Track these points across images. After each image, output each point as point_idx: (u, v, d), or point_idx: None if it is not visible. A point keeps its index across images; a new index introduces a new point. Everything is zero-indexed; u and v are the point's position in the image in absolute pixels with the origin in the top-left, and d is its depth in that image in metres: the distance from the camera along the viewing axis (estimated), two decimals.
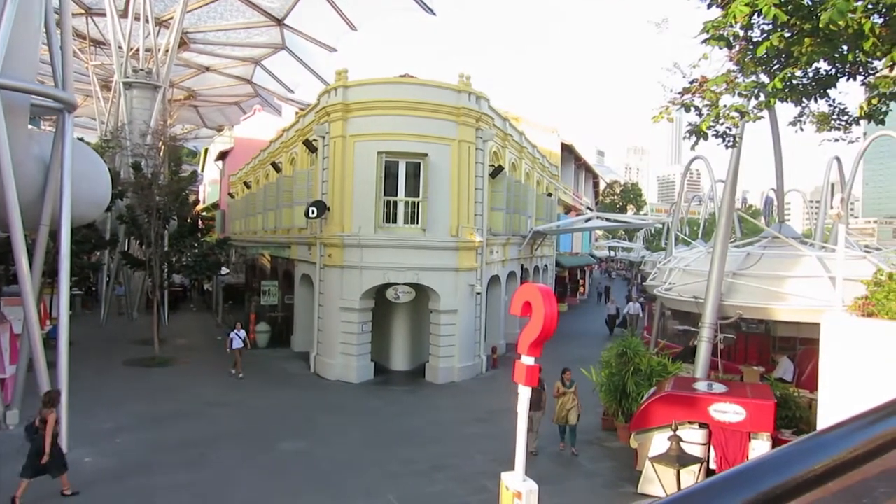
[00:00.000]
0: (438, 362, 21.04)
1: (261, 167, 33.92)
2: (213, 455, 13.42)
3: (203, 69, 52.29)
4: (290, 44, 46.79)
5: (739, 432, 11.35)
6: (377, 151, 20.29)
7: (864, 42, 6.13)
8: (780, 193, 18.70)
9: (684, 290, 17.14)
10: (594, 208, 62.78)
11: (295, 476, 12.45)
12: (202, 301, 43.35)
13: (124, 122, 32.93)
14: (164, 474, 12.27)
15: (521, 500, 5.62)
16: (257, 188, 34.98)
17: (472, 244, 21.20)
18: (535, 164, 32.16)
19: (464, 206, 21.13)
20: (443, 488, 12.03)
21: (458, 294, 21.11)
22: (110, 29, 33.46)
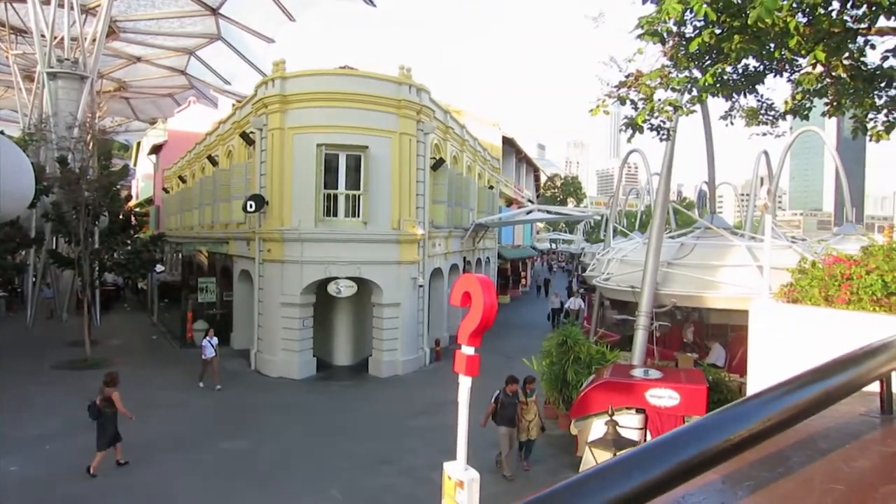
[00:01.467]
0: (382, 356, 21.00)
1: (196, 161, 33.07)
2: (151, 458, 13.05)
3: (134, 59, 50.45)
4: (225, 34, 45.61)
5: (674, 416, 11.75)
6: (317, 144, 20.05)
7: (789, 40, 6.41)
8: (711, 186, 19.37)
9: (622, 279, 17.59)
10: (535, 201, 63.68)
11: (236, 476, 12.23)
12: (137, 300, 42.01)
13: (49, 115, 31.48)
14: (98, 480, 11.86)
15: (463, 490, 5.68)
16: (193, 182, 34.10)
17: (414, 237, 21.21)
18: (477, 157, 32.36)
19: (405, 198, 21.10)
20: (387, 481, 12.04)
21: (401, 287, 21.10)
22: (32, 16, 31.90)
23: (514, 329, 30.09)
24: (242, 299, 24.42)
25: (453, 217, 26.38)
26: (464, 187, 28.35)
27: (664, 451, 1.26)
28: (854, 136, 8.14)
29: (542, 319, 33.68)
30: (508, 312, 36.56)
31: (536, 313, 36.64)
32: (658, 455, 1.25)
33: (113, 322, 31.61)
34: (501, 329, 28.79)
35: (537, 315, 35.70)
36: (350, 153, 20.49)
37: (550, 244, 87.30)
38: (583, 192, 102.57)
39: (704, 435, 1.32)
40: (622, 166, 25.37)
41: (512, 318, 34.44)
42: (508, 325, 31.23)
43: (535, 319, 34.13)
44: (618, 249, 21.31)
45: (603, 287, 19.18)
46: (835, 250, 8.18)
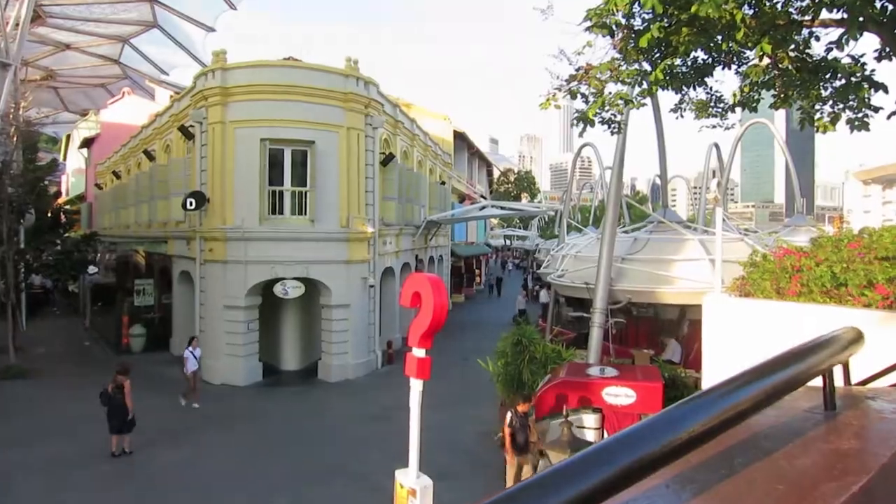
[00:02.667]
0: (331, 360, 20.84)
1: (132, 155, 32.24)
2: (82, 474, 12.64)
3: (63, 47, 48.68)
4: (162, 21, 44.38)
5: (630, 414, 11.97)
6: (260, 139, 19.77)
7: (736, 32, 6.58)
8: (663, 179, 19.81)
9: (576, 276, 17.83)
10: (488, 197, 64.03)
11: (175, 490, 11.94)
12: (67, 304, 40.66)
13: None
14: (23, 501, 11.42)
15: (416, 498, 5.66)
16: (128, 178, 33.21)
17: (364, 235, 21.11)
18: (428, 152, 32.36)
19: (354, 195, 20.98)
20: (338, 491, 11.94)
21: (351, 287, 20.97)
22: None
23: (469, 329, 30.22)
24: (182, 302, 23.91)
25: (404, 214, 26.33)
26: (415, 183, 28.33)
27: (607, 456, 1.26)
28: (801, 127, 8.41)
29: (498, 318, 33.93)
30: (463, 312, 36.73)
31: (492, 312, 36.87)
32: (600, 460, 1.25)
33: (40, 328, 30.50)
34: (456, 329, 28.89)
35: (492, 314, 35.94)
36: (296, 148, 20.25)
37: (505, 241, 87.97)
38: (536, 187, 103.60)
39: (649, 437, 1.33)
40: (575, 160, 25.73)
41: (467, 317, 34.58)
42: (463, 325, 31.35)
43: (490, 319, 34.34)
44: (572, 245, 21.59)
45: (557, 284, 19.40)
46: (785, 242, 8.43)
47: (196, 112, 20.87)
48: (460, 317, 34.21)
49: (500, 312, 35.57)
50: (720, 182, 24.20)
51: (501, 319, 33.37)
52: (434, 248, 34.45)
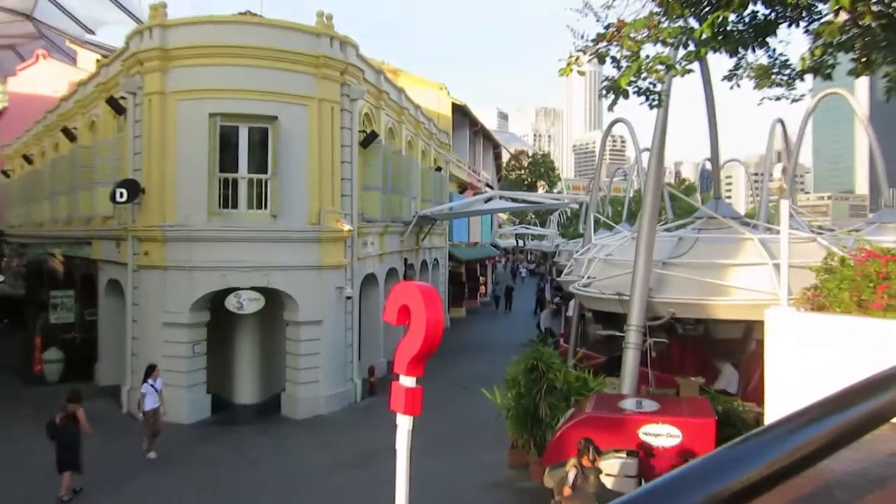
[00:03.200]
0: (298, 391, 20.85)
1: (48, 134, 32.23)
2: None
3: None
4: None
5: (676, 458, 11.99)
6: (209, 114, 19.77)
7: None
8: (715, 164, 19.85)
9: (606, 284, 17.86)
10: (496, 186, 64.08)
11: None
12: None
13: None
14: None
15: None
16: (43, 163, 33.20)
17: (340, 234, 21.14)
18: (420, 130, 32.40)
19: (327, 184, 21.02)
20: None
21: (323, 300, 21.00)
22: None
23: (471, 352, 30.25)
24: (111, 319, 23.88)
25: (390, 208, 26.39)
26: (403, 169, 28.38)
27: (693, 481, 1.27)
28: (888, 98, 8.40)
29: (508, 338, 33.94)
30: (464, 330, 36.76)
31: (500, 331, 36.92)
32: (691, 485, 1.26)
33: None
34: (455, 352, 28.89)
35: (501, 333, 35.98)
36: (254, 125, 20.26)
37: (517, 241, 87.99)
38: (556, 174, 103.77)
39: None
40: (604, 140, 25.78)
41: (468, 337, 34.60)
42: (464, 346, 31.37)
43: (498, 339, 34.38)
44: (601, 246, 21.63)
45: (583, 295, 19.43)
46: (869, 243, 8.42)
47: (129, 80, 20.84)
48: (460, 336, 34.22)
49: (511, 331, 35.57)
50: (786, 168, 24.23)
51: (512, 339, 33.35)
52: (427, 251, 34.47)
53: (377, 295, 25.40)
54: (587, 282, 19.30)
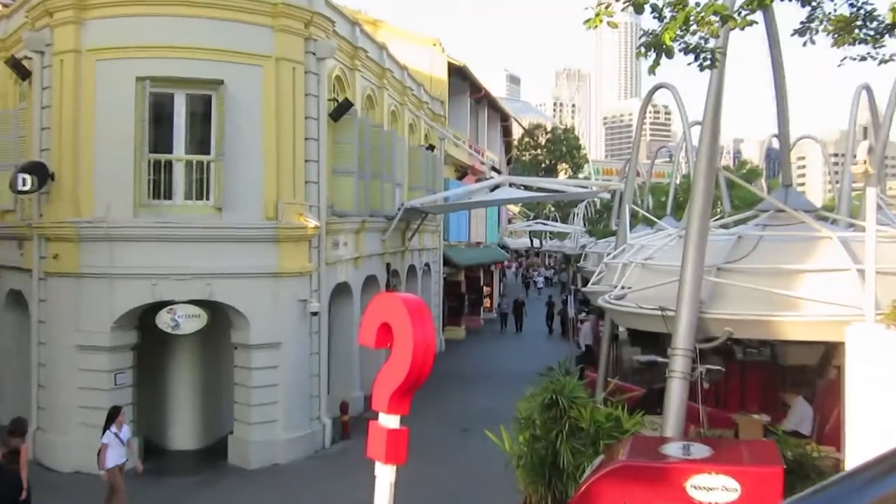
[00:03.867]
0: (250, 433, 20.81)
1: None
2: None
3: None
4: None
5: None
6: (137, 77, 19.65)
7: None
8: (784, 143, 19.79)
9: (645, 297, 17.83)
10: (505, 170, 64.08)
11: None
12: None
13: None
14: None
15: None
16: None
17: (303, 232, 21.09)
18: (407, 97, 32.39)
19: (287, 168, 20.94)
20: None
21: (281, 316, 20.97)
22: None
23: (472, 382, 30.25)
24: (12, 340, 23.78)
25: (369, 198, 26.34)
26: (385, 148, 28.30)
27: None
28: None
29: (518, 365, 33.90)
30: (463, 355, 36.73)
31: (509, 356, 36.89)
32: None
33: None
34: (450, 382, 28.85)
35: (510, 359, 35.94)
36: (194, 92, 20.23)
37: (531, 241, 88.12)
38: (582, 155, 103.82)
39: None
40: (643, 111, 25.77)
41: (469, 363, 34.59)
42: (463, 375, 31.35)
43: (506, 365, 34.35)
44: (638, 248, 21.59)
45: (615, 310, 19.41)
46: None
47: (34, 36, 20.76)
48: (458, 362, 34.20)
49: (522, 356, 35.56)
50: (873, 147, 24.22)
51: (524, 367, 33.26)
52: (417, 253, 34.46)
53: (351, 310, 25.40)
54: (621, 293, 19.26)
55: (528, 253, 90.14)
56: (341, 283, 24.32)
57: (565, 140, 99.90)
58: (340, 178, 24.07)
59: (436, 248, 39.40)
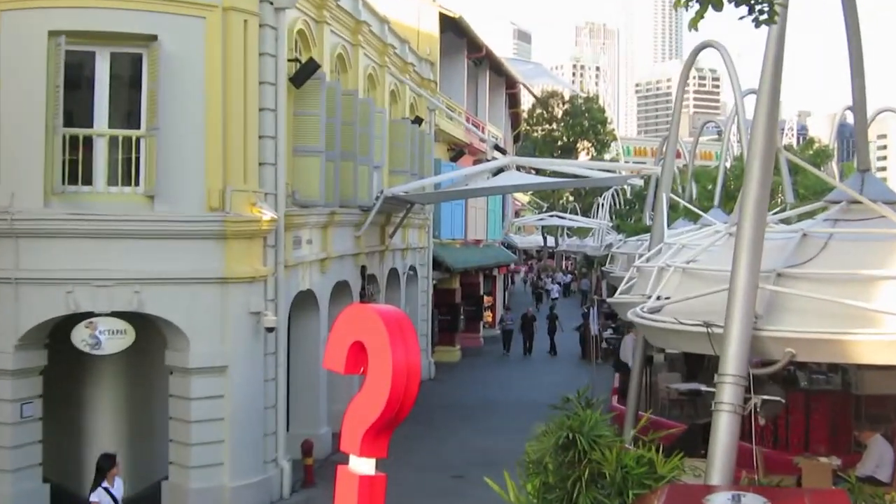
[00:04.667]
0: (189, 479, 20.75)
1: None
2: None
3: None
4: None
5: None
6: (49, 32, 19.61)
7: None
8: (860, 117, 19.85)
9: (686, 309, 17.88)
10: (511, 150, 64.06)
11: None
12: None
13: None
14: None
15: None
16: None
17: (257, 226, 21.02)
18: (388, 57, 32.41)
19: (236, 146, 20.87)
20: None
21: (228, 333, 20.91)
22: None
23: (468, 417, 30.28)
24: None
25: (339, 184, 26.30)
26: (361, 121, 28.22)
27: None
28: None
29: (527, 395, 34.02)
30: (457, 382, 36.81)
31: (514, 384, 36.90)
32: None
33: None
34: (442, 417, 28.89)
35: (516, 387, 35.99)
36: (119, 51, 20.24)
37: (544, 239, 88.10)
38: (609, 131, 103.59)
39: None
40: (685, 77, 25.79)
41: (464, 393, 34.64)
42: (457, 408, 31.41)
43: (510, 395, 34.46)
44: (678, 248, 21.64)
45: (649, 325, 19.42)
46: None
47: None
48: (451, 392, 34.26)
49: (533, 384, 35.63)
50: None
51: (534, 397, 33.37)
52: (399, 254, 34.49)
53: (316, 325, 25.45)
54: (656, 305, 19.28)
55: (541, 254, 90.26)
56: (304, 291, 24.31)
57: (587, 112, 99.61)
58: (304, 158, 24.07)
59: (424, 247, 39.45)
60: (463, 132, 48.01)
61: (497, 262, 55.00)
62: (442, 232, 44.12)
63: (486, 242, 53.59)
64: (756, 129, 15.56)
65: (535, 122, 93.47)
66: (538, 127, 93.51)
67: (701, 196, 48.35)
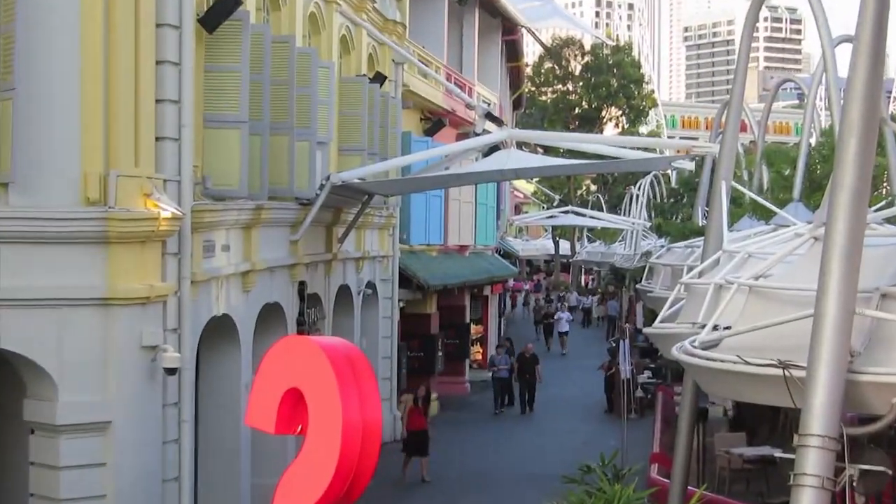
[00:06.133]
0: None
1: None
2: None
3: None
4: None
5: None
6: None
7: None
8: None
9: (754, 343, 17.96)
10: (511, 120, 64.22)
11: None
12: None
13: None
14: None
15: None
16: None
17: (151, 227, 20.93)
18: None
19: (123, 114, 20.82)
20: None
21: (111, 375, 20.78)
22: None
23: (451, 492, 30.37)
24: None
25: (268, 167, 26.33)
26: (298, 80, 28.27)
27: None
28: None
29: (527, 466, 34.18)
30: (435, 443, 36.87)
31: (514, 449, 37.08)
32: None
33: None
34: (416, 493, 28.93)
35: (513, 453, 36.15)
36: None
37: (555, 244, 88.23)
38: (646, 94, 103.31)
39: None
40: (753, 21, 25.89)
41: (446, 459, 34.74)
42: (435, 480, 31.51)
43: (507, 466, 34.61)
44: (743, 257, 21.73)
45: (701, 366, 19.49)
46: None
47: None
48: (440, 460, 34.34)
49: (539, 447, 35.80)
50: None
51: (543, 466, 33.55)
52: (352, 265, 34.58)
53: (236, 365, 25.42)
54: (712, 337, 19.33)
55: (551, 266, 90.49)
56: (219, 317, 24.23)
57: (616, 67, 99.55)
58: (219, 131, 24.11)
59: (387, 255, 39.51)
60: (442, 95, 48.15)
61: (490, 276, 55.03)
62: (412, 235, 44.21)
63: (474, 249, 53.65)
64: (852, 91, 15.62)
65: (543, 81, 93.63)
66: (548, 88, 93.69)
67: (775, 185, 48.19)
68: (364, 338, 35.31)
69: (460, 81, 52.03)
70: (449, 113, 48.56)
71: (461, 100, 50.54)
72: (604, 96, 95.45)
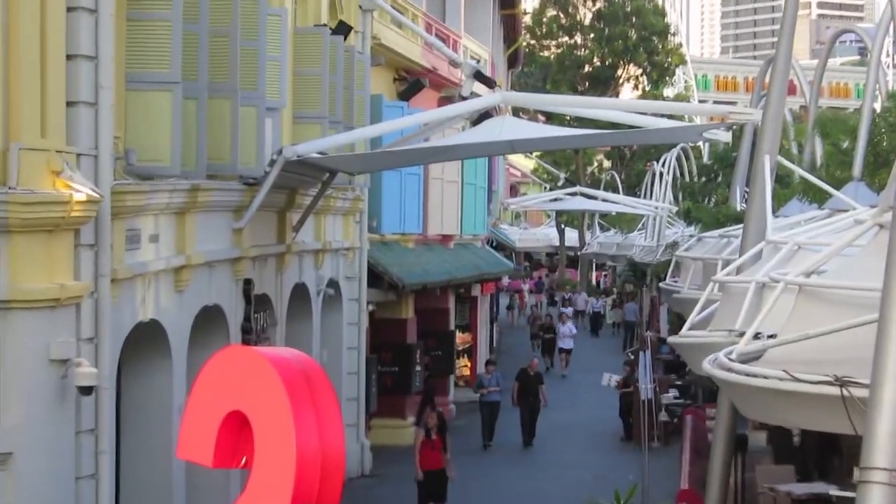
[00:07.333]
0: None
1: None
2: None
3: None
4: None
5: None
6: None
7: None
8: None
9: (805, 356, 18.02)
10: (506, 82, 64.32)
11: None
12: None
13: None
14: None
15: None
16: None
17: (62, 212, 20.94)
18: None
19: (28, 74, 20.79)
20: None
21: (12, 396, 20.83)
22: None
23: None
24: None
25: (206, 139, 26.31)
26: (243, 32, 28.22)
27: None
28: None
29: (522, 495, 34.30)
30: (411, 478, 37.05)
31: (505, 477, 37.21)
32: None
33: None
34: None
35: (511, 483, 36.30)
36: None
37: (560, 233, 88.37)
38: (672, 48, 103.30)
39: None
40: None
41: None
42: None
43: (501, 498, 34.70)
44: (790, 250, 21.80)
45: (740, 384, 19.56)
46: None
47: None
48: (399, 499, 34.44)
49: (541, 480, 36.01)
50: None
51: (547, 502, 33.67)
52: (309, 259, 34.62)
53: (167, 382, 25.40)
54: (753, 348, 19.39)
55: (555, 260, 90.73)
56: (146, 322, 24.23)
57: (635, 15, 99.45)
58: (145, 94, 24.06)
59: (353, 247, 39.54)
60: (420, 51, 48.20)
61: (479, 273, 55.06)
62: (384, 223, 44.24)
63: (459, 240, 53.66)
64: None
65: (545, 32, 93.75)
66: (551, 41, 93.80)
67: (830, 160, 48.39)
68: (325, 349, 35.34)
69: (443, 33, 52.15)
70: (429, 72, 48.63)
71: (444, 56, 50.63)
72: (620, 51, 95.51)
